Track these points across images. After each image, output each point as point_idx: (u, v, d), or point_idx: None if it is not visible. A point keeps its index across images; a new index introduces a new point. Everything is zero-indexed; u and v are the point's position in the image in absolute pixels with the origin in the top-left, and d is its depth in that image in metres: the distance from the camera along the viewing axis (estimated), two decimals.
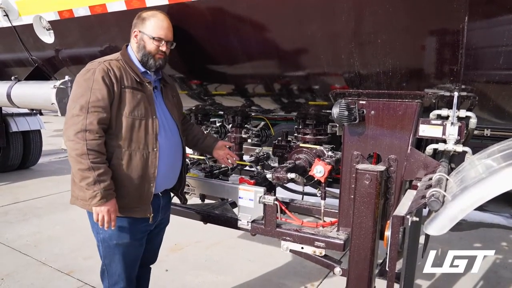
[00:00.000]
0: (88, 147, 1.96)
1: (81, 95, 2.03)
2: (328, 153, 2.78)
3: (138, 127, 2.12)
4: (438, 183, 1.69)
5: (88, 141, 1.96)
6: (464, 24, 1.74)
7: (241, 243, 4.49)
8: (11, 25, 3.50)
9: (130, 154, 2.11)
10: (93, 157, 1.97)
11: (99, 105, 2.02)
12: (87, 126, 1.97)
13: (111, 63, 2.14)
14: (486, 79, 1.95)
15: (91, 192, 1.99)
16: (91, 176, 1.97)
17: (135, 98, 2.13)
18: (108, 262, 2.30)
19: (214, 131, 3.89)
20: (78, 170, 1.99)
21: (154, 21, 2.21)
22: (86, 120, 1.98)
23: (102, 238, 2.24)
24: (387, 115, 2.21)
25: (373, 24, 1.93)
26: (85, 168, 1.97)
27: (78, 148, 1.96)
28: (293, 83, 2.53)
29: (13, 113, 7.49)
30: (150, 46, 2.21)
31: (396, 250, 1.68)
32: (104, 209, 2.04)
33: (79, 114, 1.99)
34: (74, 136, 1.97)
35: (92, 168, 1.97)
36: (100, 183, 1.99)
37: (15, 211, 5.51)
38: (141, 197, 2.18)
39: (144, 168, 2.14)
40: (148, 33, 2.20)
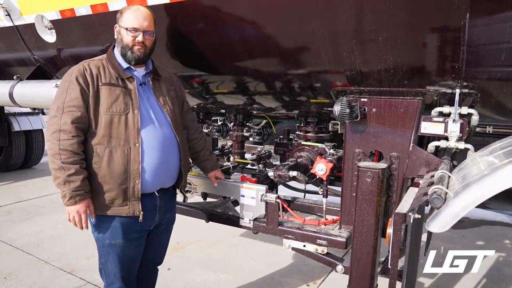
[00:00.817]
0: (60, 147, 1.98)
1: (59, 96, 2.07)
2: (329, 151, 2.78)
3: (117, 122, 2.08)
4: (440, 180, 1.69)
5: (60, 141, 1.99)
6: (466, 21, 1.74)
7: (243, 242, 4.49)
8: (13, 24, 3.50)
9: (110, 150, 2.07)
10: (64, 157, 1.98)
11: (73, 104, 2.03)
12: (61, 126, 2.00)
13: (91, 63, 2.15)
14: (487, 76, 1.95)
15: (61, 192, 2.03)
16: (61, 176, 1.99)
17: (112, 94, 2.10)
18: (104, 261, 2.30)
19: (215, 130, 3.89)
20: (52, 169, 2.03)
21: (129, 12, 2.18)
22: (61, 120, 2.01)
23: (96, 237, 2.24)
24: (389, 112, 2.21)
25: (374, 21, 1.93)
26: (56, 167, 2.00)
27: (52, 148, 2.00)
28: (295, 81, 2.53)
29: (16, 112, 7.51)
30: (126, 38, 2.16)
31: (398, 247, 1.68)
32: (73, 209, 2.06)
33: (55, 115, 2.03)
34: (50, 136, 2.01)
35: (63, 168, 1.98)
36: (69, 183, 1.99)
37: (17, 210, 5.53)
38: (127, 195, 2.13)
39: (126, 164, 2.09)
40: (123, 25, 2.16)
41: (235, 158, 3.63)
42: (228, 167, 3.49)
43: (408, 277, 1.70)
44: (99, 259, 2.34)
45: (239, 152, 3.64)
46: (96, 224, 2.21)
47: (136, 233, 2.26)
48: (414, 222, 1.61)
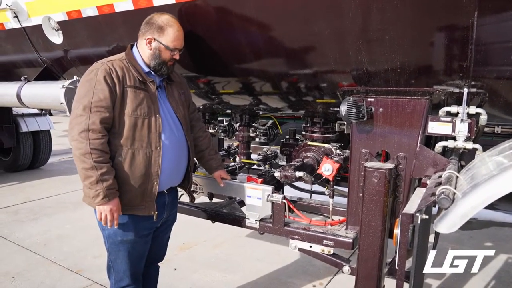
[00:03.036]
0: (91, 146, 1.99)
1: (84, 95, 2.05)
2: (336, 151, 2.76)
3: (141, 125, 2.12)
4: (448, 180, 1.67)
5: (91, 140, 1.99)
6: (474, 19, 1.72)
7: (249, 242, 4.49)
8: (20, 26, 3.53)
9: (133, 152, 2.12)
10: (96, 156, 1.99)
11: (102, 105, 2.04)
12: (90, 126, 2.00)
13: (114, 63, 2.15)
14: (496, 75, 1.92)
15: (93, 191, 2.02)
16: (94, 175, 1.99)
17: (137, 97, 2.14)
18: (114, 258, 2.32)
19: (222, 130, 3.89)
20: (81, 169, 2.02)
21: (171, 31, 2.21)
22: (89, 120, 2.01)
23: (107, 234, 2.26)
24: (396, 112, 2.19)
25: (380, 20, 1.91)
26: (88, 167, 2.00)
27: (81, 147, 1.99)
28: (301, 81, 2.52)
29: (23, 113, 7.58)
30: (165, 55, 2.23)
31: (405, 248, 1.67)
32: (106, 208, 2.06)
33: (82, 114, 2.02)
34: (78, 136, 2.00)
35: (95, 167, 1.99)
36: (102, 182, 2.01)
37: (25, 210, 5.57)
38: (145, 195, 2.19)
39: (147, 167, 2.15)
40: (166, 44, 2.21)
41: (241, 159, 3.62)
42: (234, 167, 3.48)
43: (416, 278, 1.69)
44: (109, 257, 2.35)
45: (245, 152, 3.64)
46: None
47: (147, 230, 2.32)
48: (422, 222, 1.59)
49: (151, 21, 2.23)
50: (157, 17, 2.23)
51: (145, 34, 2.23)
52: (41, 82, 3.83)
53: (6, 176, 7.59)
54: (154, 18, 2.23)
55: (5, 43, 4.00)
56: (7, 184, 6.99)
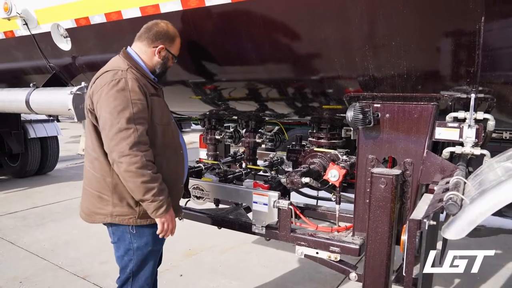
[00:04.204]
0: (146, 158, 1.93)
1: (123, 107, 1.94)
2: (342, 157, 2.76)
3: (167, 133, 2.16)
4: (455, 186, 1.66)
5: (144, 152, 1.93)
6: (481, 25, 1.72)
7: (256, 248, 4.47)
8: (30, 33, 3.57)
9: (167, 159, 2.14)
10: (151, 167, 1.96)
11: (143, 116, 1.99)
12: (139, 138, 1.93)
13: (133, 71, 2.08)
14: (504, 80, 1.91)
15: (156, 203, 1.98)
16: (155, 187, 1.96)
17: (160, 105, 2.15)
18: (137, 269, 2.24)
19: (228, 136, 3.90)
20: (141, 183, 1.93)
21: (178, 41, 2.30)
22: (137, 132, 1.93)
23: (137, 247, 2.18)
24: (402, 118, 2.18)
25: (387, 26, 1.91)
26: (148, 179, 1.94)
27: (137, 161, 1.91)
28: (307, 87, 2.52)
29: (31, 119, 7.65)
30: (170, 63, 2.30)
31: (413, 254, 1.65)
32: (169, 217, 2.07)
33: (128, 128, 1.92)
34: (130, 150, 1.90)
35: (155, 179, 1.96)
36: (163, 192, 2.00)
37: (33, 216, 5.60)
38: (176, 199, 2.25)
39: (177, 171, 2.22)
40: (174, 53, 2.27)
41: (247, 165, 3.63)
42: (240, 173, 3.49)
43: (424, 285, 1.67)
44: (131, 269, 2.24)
45: (252, 158, 3.64)
46: (138, 234, 2.17)
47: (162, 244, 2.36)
48: (429, 228, 1.58)
49: (160, 29, 2.21)
50: (165, 26, 2.23)
51: (155, 42, 2.20)
52: (50, 88, 3.87)
53: (14, 182, 7.65)
54: (161, 26, 2.22)
55: (15, 50, 4.05)
56: (15, 189, 7.05)
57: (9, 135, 7.40)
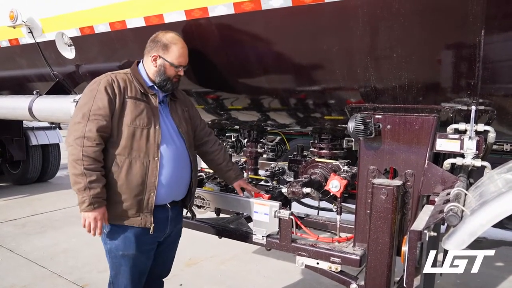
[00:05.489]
0: (83, 153, 2.02)
1: (85, 104, 2.11)
2: (344, 167, 2.76)
3: (139, 135, 2.15)
4: (456, 198, 1.66)
5: (84, 147, 2.02)
6: (481, 38, 1.73)
7: (256, 258, 4.45)
8: (34, 41, 3.61)
9: (130, 162, 2.13)
10: (87, 163, 2.02)
11: (100, 113, 2.08)
12: (86, 133, 2.04)
13: (117, 75, 2.22)
14: (504, 92, 1.93)
15: (80, 197, 2.04)
16: (82, 182, 2.01)
17: (137, 108, 2.18)
18: (114, 274, 2.30)
19: (229, 146, 3.91)
20: (72, 175, 2.05)
21: (176, 49, 2.27)
22: (86, 127, 2.05)
23: (109, 248, 2.25)
24: (404, 129, 2.19)
25: (388, 38, 1.93)
26: (78, 173, 2.02)
27: (74, 153, 2.03)
28: (309, 97, 2.53)
29: (33, 127, 7.67)
30: (170, 72, 2.29)
31: (413, 265, 1.65)
32: (91, 215, 2.07)
33: (80, 122, 2.07)
34: (73, 142, 2.04)
35: (85, 174, 2.01)
36: (90, 189, 2.02)
37: (32, 223, 5.59)
38: (141, 206, 2.17)
39: (144, 177, 2.15)
40: (170, 61, 2.27)
41: (248, 174, 3.63)
42: None
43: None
44: (110, 272, 2.34)
45: (253, 168, 3.65)
46: (109, 234, 2.23)
47: (148, 245, 2.30)
48: (430, 240, 1.58)
49: (156, 39, 2.29)
50: (162, 35, 2.29)
51: (151, 52, 2.29)
52: (53, 96, 3.89)
53: (14, 189, 7.65)
54: (159, 36, 2.30)
55: (19, 57, 4.09)
56: (15, 197, 7.04)
57: (11, 142, 7.42)
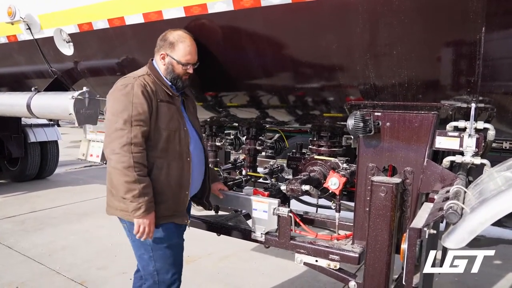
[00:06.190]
0: (134, 159, 2.02)
1: (123, 109, 2.07)
2: (343, 165, 2.76)
3: (173, 138, 2.21)
4: (456, 195, 1.66)
5: (134, 154, 2.02)
6: (481, 35, 1.73)
7: (255, 256, 4.45)
8: (33, 38, 3.59)
9: (168, 164, 2.19)
10: (138, 170, 2.04)
11: (141, 119, 2.08)
12: (132, 139, 2.03)
13: (145, 78, 2.21)
14: (504, 90, 1.92)
15: (135, 204, 2.05)
16: (137, 189, 2.03)
17: (169, 111, 2.22)
18: (161, 265, 2.31)
19: (228, 143, 3.90)
20: (124, 183, 2.03)
21: (182, 46, 2.28)
22: (131, 133, 2.04)
23: (151, 243, 2.26)
24: (403, 127, 2.19)
25: (388, 35, 1.93)
26: (131, 180, 2.02)
27: (124, 161, 2.01)
28: (308, 95, 2.53)
29: (32, 124, 7.66)
30: (178, 70, 2.30)
31: (413, 263, 1.65)
32: (146, 221, 2.10)
33: (123, 128, 2.04)
34: (120, 149, 2.02)
35: (138, 181, 2.03)
36: (144, 196, 2.06)
37: (31, 220, 5.58)
38: (179, 204, 2.28)
39: (180, 177, 2.24)
40: (177, 58, 2.28)
41: (247, 172, 3.62)
42: (240, 180, 3.48)
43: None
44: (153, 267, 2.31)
45: (252, 165, 3.64)
46: None
47: (182, 237, 2.42)
48: (429, 237, 1.58)
49: (164, 37, 2.32)
50: (169, 34, 2.31)
51: (160, 50, 2.32)
52: (51, 92, 3.88)
53: (13, 185, 7.64)
54: (167, 34, 2.32)
55: (17, 54, 4.07)
56: (13, 193, 7.03)
57: (9, 139, 7.41)
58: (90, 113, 3.39)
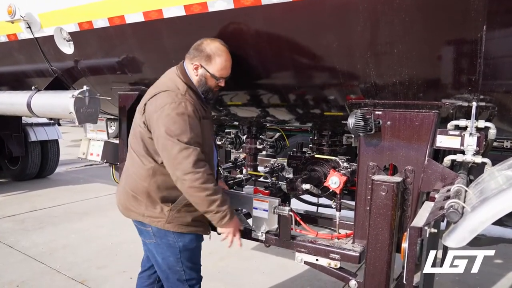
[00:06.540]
0: (206, 173, 2.08)
1: (182, 131, 2.07)
2: (343, 164, 2.75)
3: (208, 152, 2.27)
4: (456, 194, 1.65)
5: (204, 168, 2.08)
6: (482, 33, 1.72)
7: (255, 255, 4.45)
8: (33, 36, 3.59)
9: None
10: (212, 181, 2.11)
11: (198, 141, 2.12)
12: (198, 156, 2.07)
13: (190, 93, 2.20)
14: (505, 89, 1.92)
15: (220, 214, 2.13)
16: (218, 199, 2.11)
17: (208, 126, 2.29)
18: (191, 265, 2.39)
19: (229, 142, 3.90)
20: (205, 197, 2.08)
21: (219, 61, 2.25)
22: (196, 151, 2.07)
23: (183, 245, 2.30)
24: (404, 125, 2.18)
25: (389, 34, 1.92)
26: (211, 192, 2.08)
27: (199, 177, 2.05)
28: (309, 93, 2.52)
29: (32, 123, 7.66)
30: (211, 83, 2.29)
31: (413, 262, 1.64)
32: (233, 225, 2.25)
33: (187, 148, 2.06)
34: (192, 168, 2.04)
35: (216, 192, 2.10)
36: (225, 203, 2.15)
37: (31, 219, 5.59)
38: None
39: None
40: (212, 72, 2.26)
41: (248, 171, 3.62)
42: (241, 179, 3.48)
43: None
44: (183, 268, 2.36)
45: (252, 164, 3.64)
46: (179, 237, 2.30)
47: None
48: (430, 236, 1.57)
49: (201, 47, 2.26)
50: (206, 44, 2.25)
51: (193, 60, 2.27)
52: (51, 91, 3.87)
53: (13, 184, 7.65)
54: (203, 45, 2.26)
55: (17, 53, 4.06)
56: (14, 192, 7.04)
57: (10, 138, 7.41)
58: (90, 112, 3.38)
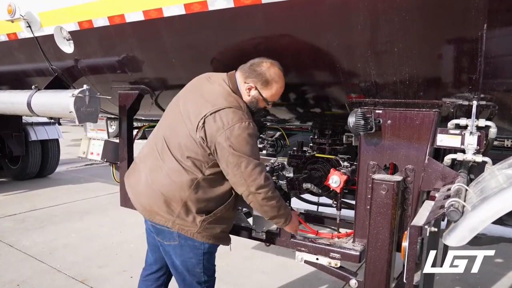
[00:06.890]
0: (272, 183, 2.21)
1: (253, 150, 2.16)
2: (343, 163, 2.75)
3: None
4: (457, 193, 1.65)
5: (271, 180, 2.21)
6: (483, 32, 1.72)
7: (256, 254, 4.45)
8: (33, 35, 3.58)
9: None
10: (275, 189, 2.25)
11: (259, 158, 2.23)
12: (266, 170, 2.20)
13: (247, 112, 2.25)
14: (506, 87, 1.91)
15: (285, 215, 2.27)
16: (283, 203, 2.25)
17: None
18: (209, 266, 2.42)
19: None
20: (276, 203, 2.20)
21: (275, 87, 2.25)
22: (263, 166, 2.20)
23: (208, 247, 2.32)
24: (404, 124, 2.18)
25: (389, 32, 1.92)
26: (279, 199, 2.23)
27: (270, 188, 2.17)
28: (309, 92, 2.52)
29: (33, 122, 7.66)
30: (261, 105, 2.32)
31: (414, 261, 1.64)
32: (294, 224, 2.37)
33: (258, 165, 2.15)
34: (265, 182, 2.13)
35: (280, 198, 2.25)
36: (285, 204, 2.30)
37: (32, 219, 5.59)
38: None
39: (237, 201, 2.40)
40: (265, 97, 2.26)
41: None
42: None
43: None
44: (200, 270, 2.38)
45: None
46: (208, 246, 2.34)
47: None
48: (431, 235, 1.57)
49: (260, 70, 2.22)
50: (266, 68, 2.21)
51: (248, 79, 2.24)
52: (51, 90, 3.86)
53: (14, 184, 7.65)
54: (263, 68, 2.22)
55: (17, 52, 4.06)
56: (14, 192, 7.04)
57: (10, 137, 7.41)
58: (90, 111, 3.37)
